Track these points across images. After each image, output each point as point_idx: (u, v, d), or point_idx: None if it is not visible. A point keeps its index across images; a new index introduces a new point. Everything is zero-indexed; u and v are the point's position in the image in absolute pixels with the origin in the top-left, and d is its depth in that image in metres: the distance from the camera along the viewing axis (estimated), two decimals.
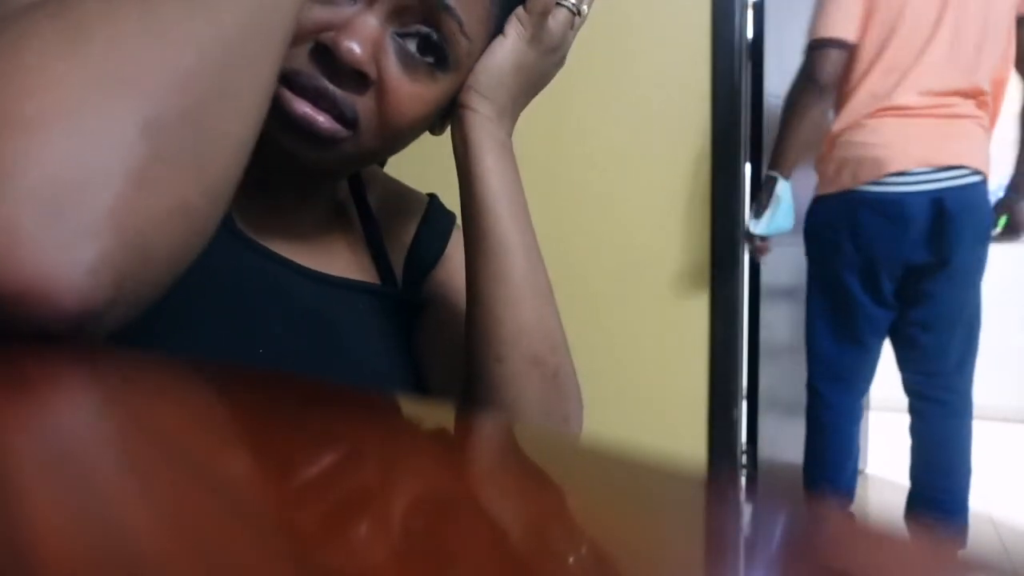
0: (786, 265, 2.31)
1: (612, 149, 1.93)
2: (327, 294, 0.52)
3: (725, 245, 1.86)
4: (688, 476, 0.17)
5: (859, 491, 2.64)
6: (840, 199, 1.79)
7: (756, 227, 1.82)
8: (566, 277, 2.02)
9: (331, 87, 0.44)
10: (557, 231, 1.94)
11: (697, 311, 1.89)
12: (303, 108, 0.44)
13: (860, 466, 2.77)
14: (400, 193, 0.64)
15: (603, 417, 1.90)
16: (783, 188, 1.81)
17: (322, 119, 0.44)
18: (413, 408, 0.30)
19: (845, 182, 1.77)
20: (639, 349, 1.92)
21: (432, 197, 0.65)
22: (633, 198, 1.92)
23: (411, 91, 0.47)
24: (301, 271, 0.51)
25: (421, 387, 0.58)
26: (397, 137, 0.49)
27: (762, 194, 1.83)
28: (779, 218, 1.82)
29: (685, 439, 1.90)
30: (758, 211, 1.81)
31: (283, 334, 0.49)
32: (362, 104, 0.46)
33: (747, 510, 0.16)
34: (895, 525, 0.14)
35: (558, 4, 0.52)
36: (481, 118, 0.51)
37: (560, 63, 0.55)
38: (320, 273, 0.52)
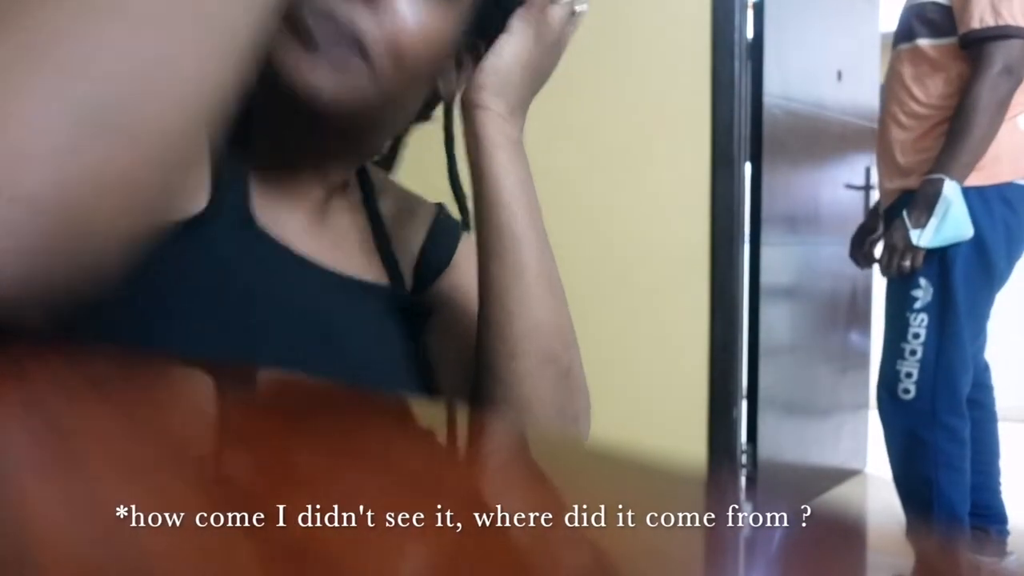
0: (786, 265, 2.31)
1: (612, 149, 1.92)
2: (336, 292, 0.53)
3: (725, 245, 1.86)
4: (688, 476, 0.17)
5: (858, 491, 2.64)
6: (995, 192, 1.64)
7: (919, 238, 1.61)
8: (565, 277, 2.01)
9: (338, 6, 0.45)
10: (556, 231, 1.93)
11: (697, 311, 1.89)
12: (306, 69, 0.45)
13: (860, 466, 2.78)
14: (410, 201, 0.65)
15: (603, 417, 1.89)
16: (952, 190, 1.60)
17: (330, 59, 0.45)
18: (418, 409, 0.30)
19: (1002, 174, 1.64)
20: (639, 349, 1.92)
21: (440, 206, 0.66)
22: (633, 197, 1.92)
23: (414, 10, 0.48)
24: (312, 266, 0.51)
25: (426, 391, 0.58)
26: (406, 66, 0.49)
27: (920, 200, 1.63)
28: (950, 226, 1.61)
29: (685, 439, 1.90)
30: (919, 220, 1.62)
31: (288, 329, 0.49)
32: (367, 24, 0.46)
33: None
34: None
35: (553, 1, 0.53)
36: (494, 115, 0.52)
37: (559, 58, 0.56)
38: (331, 271, 0.52)
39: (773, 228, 2.20)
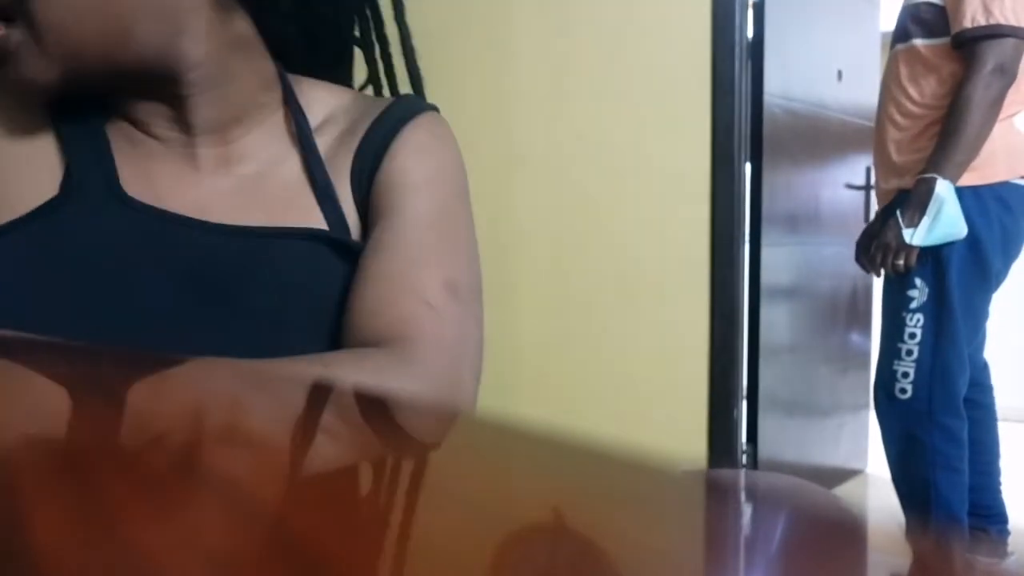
0: (786, 265, 2.31)
1: (612, 149, 1.93)
2: (230, 245, 0.51)
3: (725, 245, 1.86)
4: (688, 476, 0.17)
5: (859, 491, 2.64)
6: (991, 192, 1.65)
7: (913, 237, 1.62)
8: (566, 277, 2.01)
9: None
10: (557, 231, 1.94)
11: (697, 311, 1.89)
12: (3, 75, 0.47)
13: (861, 466, 2.78)
14: (362, 112, 0.57)
15: (603, 417, 1.90)
16: (944, 189, 1.60)
17: None
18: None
19: (998, 174, 1.64)
20: (639, 349, 1.92)
21: (395, 98, 0.58)
22: (633, 198, 1.92)
23: None
24: (195, 225, 0.51)
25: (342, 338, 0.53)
26: (71, 16, 0.46)
27: (913, 199, 1.64)
28: (943, 225, 1.62)
29: (685, 439, 1.90)
30: (912, 219, 1.63)
31: (169, 289, 0.49)
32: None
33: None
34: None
35: None
36: None
37: None
38: (220, 225, 0.51)
39: (773, 228, 2.20)
